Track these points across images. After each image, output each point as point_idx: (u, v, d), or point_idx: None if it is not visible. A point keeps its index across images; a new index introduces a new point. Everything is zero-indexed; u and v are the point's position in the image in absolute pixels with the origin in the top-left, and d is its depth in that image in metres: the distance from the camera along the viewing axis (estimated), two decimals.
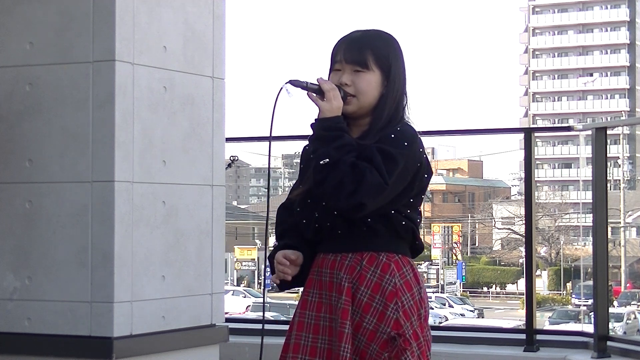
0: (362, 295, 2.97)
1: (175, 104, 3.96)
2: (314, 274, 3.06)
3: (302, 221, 3.07)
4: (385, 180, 2.89)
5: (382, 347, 2.93)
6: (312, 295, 3.06)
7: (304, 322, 3.04)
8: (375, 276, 2.98)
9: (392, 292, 2.97)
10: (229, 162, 16.26)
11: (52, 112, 3.79)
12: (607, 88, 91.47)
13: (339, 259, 3.01)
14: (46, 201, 3.78)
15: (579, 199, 60.02)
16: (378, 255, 2.99)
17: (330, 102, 2.97)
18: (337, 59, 3.08)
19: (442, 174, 78.83)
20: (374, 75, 3.05)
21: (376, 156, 2.91)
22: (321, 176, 2.92)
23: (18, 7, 3.89)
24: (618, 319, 32.14)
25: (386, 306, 2.95)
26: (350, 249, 3.01)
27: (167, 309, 3.88)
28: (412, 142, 3.00)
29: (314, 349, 3.01)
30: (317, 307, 3.04)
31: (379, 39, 3.09)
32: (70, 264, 3.72)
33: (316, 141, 2.96)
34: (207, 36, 4.13)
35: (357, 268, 2.99)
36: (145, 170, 3.81)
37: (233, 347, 4.37)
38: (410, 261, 3.06)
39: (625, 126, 74.90)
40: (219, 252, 4.15)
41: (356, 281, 2.98)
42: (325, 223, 3.02)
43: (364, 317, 2.95)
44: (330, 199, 2.92)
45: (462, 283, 52.73)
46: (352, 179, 2.87)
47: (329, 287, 3.02)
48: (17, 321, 3.79)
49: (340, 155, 2.90)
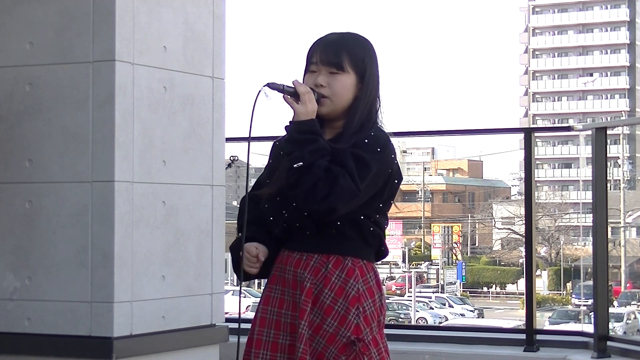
0: (325, 297, 2.98)
1: (175, 104, 3.96)
2: (278, 270, 3.08)
3: (270, 218, 3.09)
4: (357, 186, 2.91)
5: (340, 350, 2.95)
6: (275, 292, 3.08)
7: (266, 318, 3.07)
8: (340, 280, 3.00)
9: (355, 297, 2.99)
10: (229, 162, 16.25)
11: (52, 112, 3.80)
12: (607, 88, 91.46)
13: (305, 259, 3.03)
14: (46, 201, 3.78)
15: (579, 199, 60.03)
16: (344, 259, 3.01)
17: (306, 105, 2.97)
18: (312, 60, 3.09)
19: (442, 174, 78.87)
20: (349, 78, 3.06)
21: (349, 161, 2.92)
22: (294, 179, 2.92)
23: (18, 7, 3.89)
24: (618, 319, 32.16)
25: (348, 310, 2.97)
26: (316, 250, 3.02)
27: (167, 309, 3.88)
28: (384, 147, 3.01)
29: (275, 345, 3.03)
30: (279, 304, 3.06)
31: (355, 42, 3.10)
32: (70, 264, 3.72)
33: (290, 144, 2.97)
34: (207, 36, 4.13)
35: (322, 270, 3.01)
36: (145, 170, 3.81)
37: (233, 347, 4.36)
38: (374, 267, 3.09)
39: (625, 126, 74.90)
40: (219, 252, 4.15)
41: (320, 283, 3.00)
42: (294, 223, 3.03)
43: (325, 320, 2.97)
44: (303, 201, 2.93)
45: (462, 283, 52.74)
46: (325, 183, 2.88)
47: (292, 285, 3.04)
48: (17, 321, 3.79)
49: (314, 158, 2.91)
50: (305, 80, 3.09)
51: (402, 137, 9.07)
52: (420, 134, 12.74)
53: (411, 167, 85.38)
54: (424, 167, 71.63)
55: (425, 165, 75.47)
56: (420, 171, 69.00)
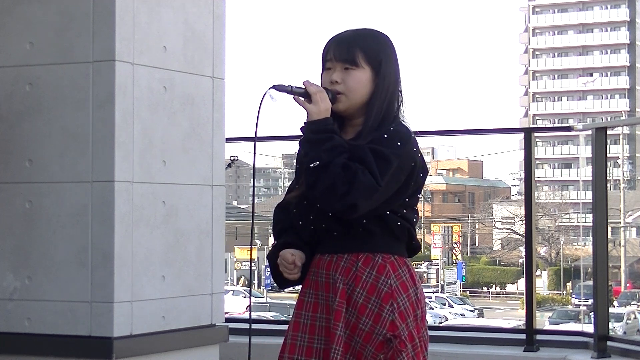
0: (357, 296, 2.97)
1: (175, 104, 3.97)
2: (311, 275, 3.06)
3: (299, 223, 3.08)
4: (377, 180, 2.88)
5: (377, 348, 2.93)
6: (308, 296, 3.06)
7: (300, 323, 3.05)
8: (371, 277, 2.98)
9: (388, 293, 2.96)
10: (229, 162, 16.25)
11: (52, 112, 3.80)
12: (607, 88, 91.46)
13: (335, 260, 3.01)
14: (46, 201, 3.78)
15: (579, 199, 60.04)
16: (374, 256, 2.99)
17: (318, 104, 2.96)
18: (327, 58, 3.07)
19: (442, 174, 78.84)
20: (364, 73, 3.03)
21: (368, 156, 2.90)
22: (313, 179, 2.91)
23: (18, 7, 3.89)
24: (618, 319, 32.13)
25: (382, 308, 2.95)
26: (345, 250, 3.00)
27: (167, 309, 3.88)
28: (405, 141, 2.99)
29: (309, 349, 3.01)
30: (313, 308, 3.04)
31: (370, 36, 3.08)
32: (70, 264, 3.72)
33: (306, 144, 2.95)
34: (207, 36, 4.13)
35: (353, 269, 2.99)
36: (145, 170, 3.81)
37: (233, 347, 4.36)
38: (407, 261, 3.05)
39: (625, 126, 74.91)
40: (219, 252, 4.15)
41: (352, 282, 2.98)
42: (320, 225, 3.02)
43: (359, 319, 2.95)
44: (323, 201, 2.92)
45: (462, 283, 52.73)
46: (344, 181, 2.86)
47: (326, 288, 3.02)
48: (17, 321, 3.79)
49: (330, 157, 2.89)
50: (322, 78, 3.07)
51: None
52: (420, 134, 12.66)
53: None
54: None
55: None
56: None
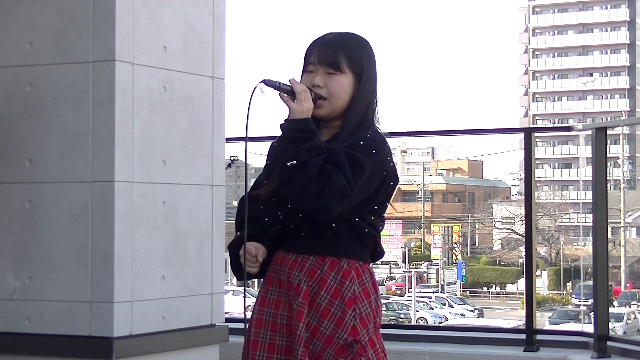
0: (321, 299, 2.98)
1: (175, 104, 3.97)
2: (273, 272, 3.08)
3: (265, 219, 3.08)
4: (350, 185, 2.90)
5: (338, 352, 2.95)
6: (270, 293, 3.08)
7: (262, 320, 3.07)
8: (336, 282, 3.00)
9: (351, 298, 2.99)
10: (229, 162, 16.23)
11: (52, 112, 3.80)
12: (607, 88, 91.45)
13: (300, 260, 3.03)
14: (46, 201, 3.78)
15: (579, 199, 60.01)
16: (340, 260, 3.01)
17: (301, 103, 2.97)
18: (310, 61, 3.08)
19: (442, 174, 78.86)
20: (347, 78, 3.05)
21: (344, 161, 2.92)
22: (287, 177, 2.92)
23: (18, 7, 3.89)
24: (618, 319, 32.15)
25: (344, 312, 2.97)
26: (312, 251, 3.02)
27: (167, 309, 3.88)
28: (380, 149, 3.01)
29: (272, 346, 3.03)
30: (275, 305, 3.06)
31: (353, 42, 3.09)
32: (70, 264, 3.72)
33: (285, 142, 2.96)
34: (207, 36, 4.13)
35: (318, 272, 3.00)
36: (145, 170, 3.81)
37: (233, 347, 4.36)
38: (370, 268, 3.09)
39: (625, 126, 74.92)
40: (219, 252, 4.15)
41: (316, 285, 2.99)
42: (289, 224, 3.03)
43: (321, 322, 2.97)
44: (295, 200, 2.93)
45: (462, 283, 52.73)
46: (318, 182, 2.88)
47: (287, 286, 3.03)
48: (17, 321, 3.79)
49: (308, 157, 2.91)
50: (302, 80, 3.08)
51: (402, 137, 9.09)
52: (420, 134, 12.77)
53: (411, 167, 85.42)
54: (424, 167, 71.63)
55: (425, 165, 75.47)
56: (420, 171, 69.02)
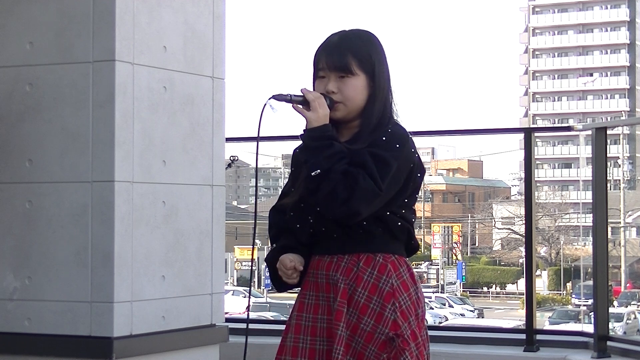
0: (359, 296, 2.96)
1: (175, 104, 3.97)
2: (310, 276, 3.06)
3: (296, 226, 3.07)
4: (378, 185, 2.89)
5: (380, 348, 2.93)
6: (308, 298, 3.06)
7: (301, 325, 3.04)
8: (372, 277, 2.98)
9: (390, 292, 2.97)
10: (229, 162, 16.24)
11: (52, 112, 3.80)
12: (607, 88, 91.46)
13: (335, 261, 3.01)
14: (46, 201, 3.78)
15: (579, 199, 60.01)
16: (374, 256, 2.99)
17: (316, 111, 2.96)
18: (320, 67, 3.06)
19: (442, 174, 78.86)
20: (359, 79, 3.03)
21: (368, 161, 2.91)
22: (313, 186, 2.92)
23: (18, 7, 3.89)
24: (618, 319, 32.15)
25: (384, 307, 2.95)
26: (346, 250, 3.01)
27: (167, 309, 3.88)
28: (403, 143, 2.99)
29: (312, 351, 3.01)
30: (314, 309, 3.04)
31: (359, 39, 3.07)
32: (70, 264, 3.72)
33: (306, 152, 2.96)
34: (207, 36, 4.13)
35: (354, 269, 2.99)
36: (145, 170, 3.81)
37: (233, 347, 4.36)
38: (407, 261, 3.06)
39: (625, 126, 74.91)
40: (219, 252, 4.15)
41: (353, 283, 2.98)
42: (320, 228, 3.02)
43: (361, 319, 2.95)
44: (325, 207, 2.92)
45: (462, 283, 52.74)
46: (345, 187, 2.87)
47: (326, 289, 3.01)
48: (17, 321, 3.79)
49: (330, 164, 2.90)
50: (315, 86, 3.07)
51: None
52: (420, 134, 12.69)
53: None
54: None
55: (425, 165, 75.45)
56: None
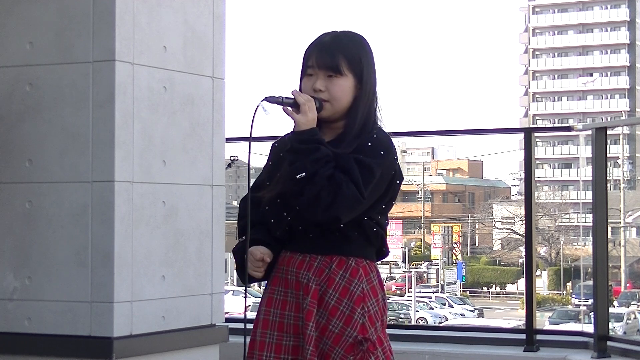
0: (329, 298, 2.99)
1: (175, 104, 3.97)
2: (280, 272, 3.07)
3: (271, 220, 3.08)
4: (361, 193, 2.91)
5: (347, 350, 2.95)
6: (277, 293, 3.08)
7: (269, 320, 3.07)
8: (344, 280, 3.00)
9: (360, 297, 2.99)
10: (229, 162, 16.22)
11: (52, 112, 3.80)
12: (607, 88, 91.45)
13: (308, 260, 3.03)
14: (46, 201, 3.78)
15: (579, 199, 59.99)
16: (347, 259, 3.02)
17: (306, 114, 2.97)
18: (309, 64, 3.08)
19: (442, 174, 78.86)
20: (347, 80, 3.05)
21: (354, 167, 2.92)
22: (298, 189, 2.93)
23: (18, 7, 3.89)
24: (618, 319, 32.15)
25: (353, 310, 2.98)
26: (319, 251, 3.02)
27: (167, 309, 3.88)
28: (388, 150, 3.02)
29: (279, 347, 3.03)
30: (282, 305, 3.06)
31: (350, 41, 3.09)
32: (70, 264, 3.72)
33: (292, 154, 2.97)
34: (207, 36, 4.13)
35: (326, 271, 3.01)
36: (145, 170, 3.82)
37: (233, 347, 4.36)
38: (376, 267, 3.11)
39: (625, 126, 74.90)
40: (219, 252, 4.15)
41: (324, 284, 3.00)
42: (297, 226, 3.03)
43: (330, 320, 2.97)
44: (307, 211, 2.94)
45: (462, 283, 52.73)
46: (328, 192, 2.89)
47: (295, 286, 3.03)
48: (17, 321, 3.79)
49: (316, 168, 2.91)
50: (303, 83, 3.08)
51: (402, 137, 9.07)
52: (420, 134, 12.75)
53: (411, 167, 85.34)
54: (424, 167, 71.62)
55: (425, 165, 75.45)
56: (420, 171, 68.98)
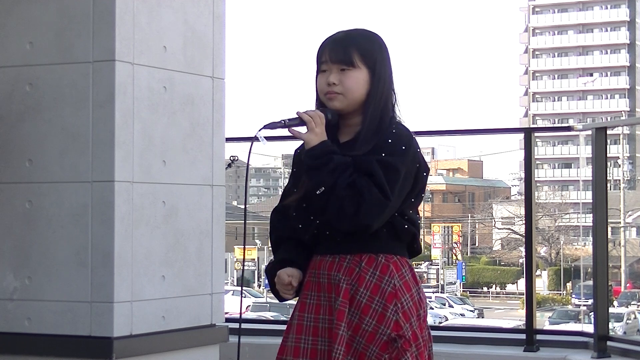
0: (361, 296, 2.96)
1: (175, 104, 3.97)
2: (312, 276, 3.06)
3: (299, 226, 3.07)
4: (386, 195, 2.89)
5: (382, 348, 2.92)
6: (310, 298, 3.05)
7: (302, 325, 3.04)
8: (375, 277, 2.98)
9: (392, 293, 2.96)
10: (229, 162, 16.23)
11: (52, 112, 3.80)
12: (607, 88, 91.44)
13: (337, 261, 3.01)
14: (46, 201, 3.78)
15: (579, 199, 59.98)
16: (377, 256, 2.99)
17: (313, 131, 2.98)
18: (322, 60, 3.08)
19: (442, 174, 78.81)
20: (361, 73, 3.05)
21: (376, 170, 2.91)
22: (321, 204, 2.93)
23: (18, 7, 3.89)
24: (618, 319, 32.14)
25: (386, 307, 2.95)
26: (348, 251, 3.01)
27: (167, 309, 3.88)
28: (409, 144, 2.99)
29: (314, 352, 3.00)
30: (315, 310, 3.04)
31: (363, 37, 3.10)
32: (70, 264, 3.72)
33: (309, 171, 2.97)
34: (207, 36, 4.13)
35: (356, 269, 2.99)
36: (145, 170, 3.82)
37: (233, 347, 4.36)
38: (408, 262, 3.06)
39: (625, 126, 74.92)
40: (219, 252, 4.15)
41: (355, 283, 2.98)
42: (324, 231, 3.02)
43: (363, 319, 2.95)
44: (336, 224, 2.93)
45: (462, 283, 52.72)
46: (352, 201, 2.88)
47: (328, 288, 3.01)
48: (17, 321, 3.79)
49: (334, 178, 2.90)
50: (317, 81, 3.08)
51: None
52: (420, 134, 12.69)
53: None
54: None
55: None
56: None
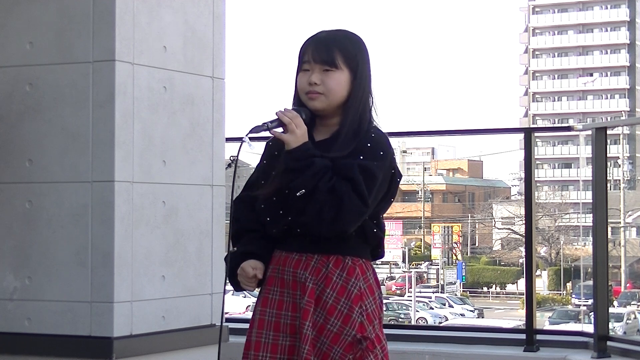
0: (327, 297, 2.99)
1: (175, 104, 3.97)
2: (275, 272, 3.08)
3: (267, 219, 3.09)
4: (365, 201, 2.92)
5: (346, 349, 2.96)
6: (272, 293, 3.08)
7: (264, 320, 3.07)
8: (341, 279, 3.01)
9: (357, 295, 3.00)
10: (229, 162, 16.27)
11: (52, 112, 3.80)
12: (607, 88, 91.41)
13: (304, 259, 3.03)
14: (46, 201, 3.78)
15: (579, 199, 59.96)
16: (344, 258, 3.03)
17: (294, 132, 2.99)
18: (305, 59, 3.10)
19: (442, 174, 78.82)
20: (343, 74, 3.07)
21: (357, 176, 2.94)
22: (300, 206, 2.95)
23: (18, 7, 3.89)
24: (618, 319, 32.13)
25: (351, 309, 2.98)
26: (316, 250, 3.03)
27: (167, 309, 3.88)
28: (386, 150, 3.04)
29: (275, 346, 3.03)
30: (278, 305, 3.06)
31: (347, 39, 3.12)
32: (70, 264, 3.72)
33: (289, 173, 2.98)
34: (207, 36, 4.13)
35: (323, 270, 3.01)
36: (145, 170, 3.82)
37: (233, 347, 4.36)
38: (372, 265, 3.11)
39: (625, 126, 74.90)
40: (219, 252, 4.15)
41: (322, 283, 3.00)
42: (295, 229, 3.03)
43: (328, 320, 2.98)
44: (313, 228, 2.96)
45: (462, 283, 52.69)
46: (331, 206, 2.91)
47: (292, 286, 3.04)
48: (17, 321, 3.79)
49: (315, 182, 2.92)
50: (298, 79, 3.10)
51: (402, 137, 9.08)
52: (420, 134, 12.74)
53: (411, 167, 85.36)
54: (424, 167, 71.58)
55: (425, 165, 75.42)
56: (420, 171, 68.95)
